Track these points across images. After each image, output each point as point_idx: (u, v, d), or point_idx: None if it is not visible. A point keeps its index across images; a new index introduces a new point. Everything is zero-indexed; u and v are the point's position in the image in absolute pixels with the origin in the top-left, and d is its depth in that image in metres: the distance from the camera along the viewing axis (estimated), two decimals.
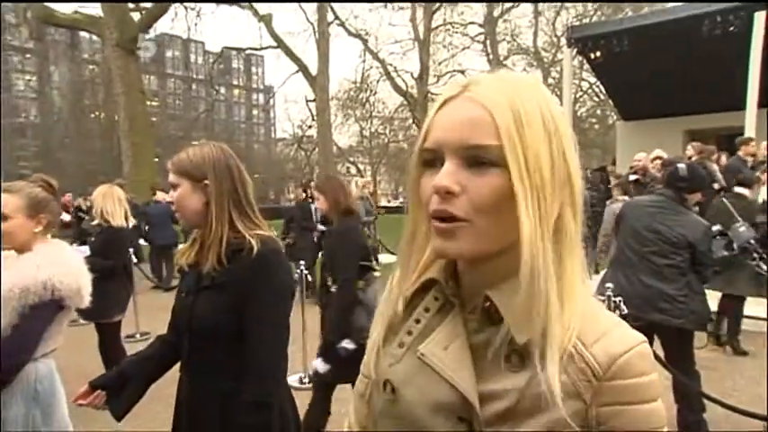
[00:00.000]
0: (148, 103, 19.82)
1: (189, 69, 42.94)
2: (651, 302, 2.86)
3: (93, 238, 3.61)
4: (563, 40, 11.01)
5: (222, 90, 40.20)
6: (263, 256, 1.27)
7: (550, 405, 0.52)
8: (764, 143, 6.19)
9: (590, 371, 0.53)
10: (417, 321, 0.64)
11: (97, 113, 31.64)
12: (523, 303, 0.54)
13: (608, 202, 5.55)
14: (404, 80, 27.40)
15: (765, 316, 3.20)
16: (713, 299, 2.99)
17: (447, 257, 0.61)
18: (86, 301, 1.77)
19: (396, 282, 0.67)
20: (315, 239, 6.86)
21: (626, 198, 4.99)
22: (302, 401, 3.36)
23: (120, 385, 1.41)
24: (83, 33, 24.87)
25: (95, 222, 3.59)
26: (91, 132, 30.50)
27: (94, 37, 19.21)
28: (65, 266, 1.72)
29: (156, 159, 15.96)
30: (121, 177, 11.33)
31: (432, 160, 0.58)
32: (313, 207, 6.91)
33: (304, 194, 7.47)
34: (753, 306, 3.27)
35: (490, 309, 0.58)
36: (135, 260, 5.98)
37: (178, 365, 1.45)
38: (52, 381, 1.77)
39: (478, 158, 0.55)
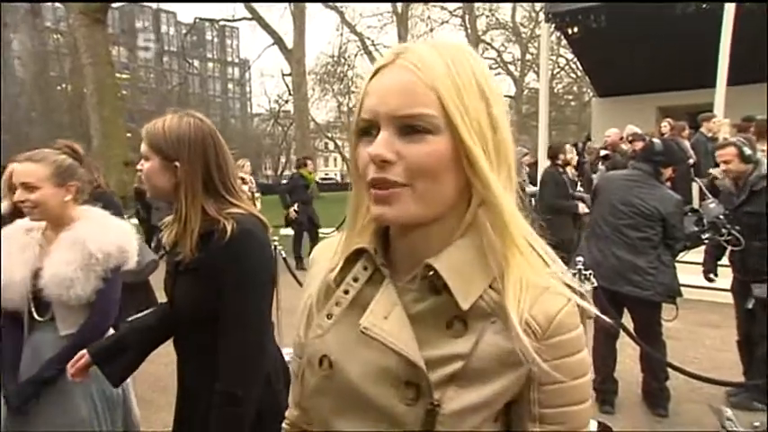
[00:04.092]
0: (118, 75, 19.09)
1: (160, 41, 41.42)
2: (622, 274, 2.93)
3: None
4: (541, 15, 10.94)
5: (196, 63, 38.98)
6: (233, 238, 1.19)
7: (497, 369, 0.57)
8: (727, 120, 6.33)
9: (531, 332, 0.57)
10: (346, 292, 0.64)
11: (64, 86, 30.40)
12: (470, 266, 0.58)
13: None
14: (382, 54, 26.76)
15: (729, 288, 3.32)
16: (682, 272, 3.09)
17: (385, 223, 0.61)
18: (134, 262, 1.76)
19: (340, 248, 0.67)
20: None
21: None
22: None
23: (117, 352, 1.39)
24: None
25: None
26: (59, 106, 29.34)
27: (57, 4, 18.28)
28: (121, 230, 1.71)
29: (129, 135, 15.44)
30: (90, 152, 10.97)
31: (368, 129, 0.58)
32: None
33: None
34: (719, 279, 3.40)
35: (432, 278, 0.58)
36: None
37: None
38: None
39: (414, 126, 0.55)
